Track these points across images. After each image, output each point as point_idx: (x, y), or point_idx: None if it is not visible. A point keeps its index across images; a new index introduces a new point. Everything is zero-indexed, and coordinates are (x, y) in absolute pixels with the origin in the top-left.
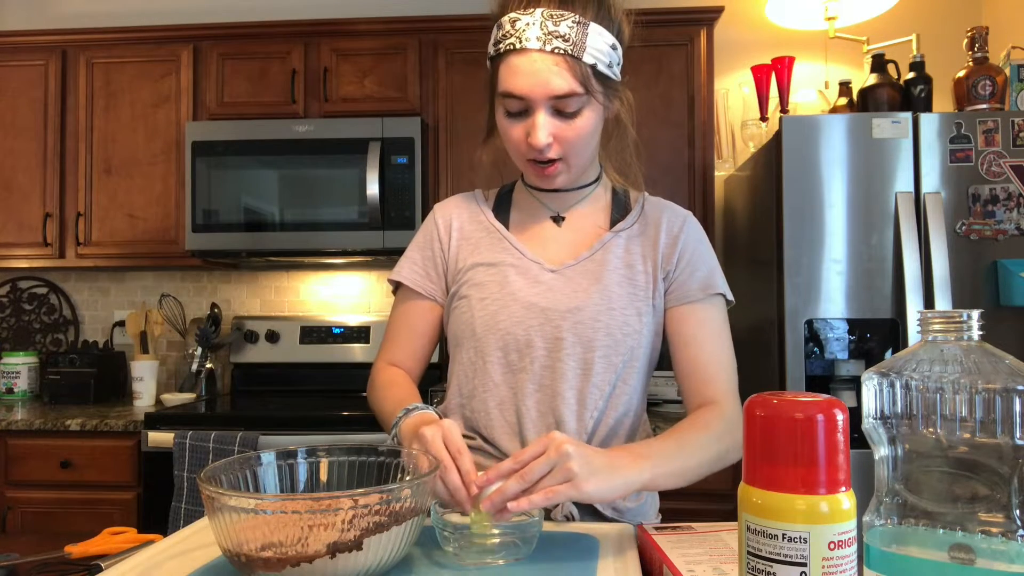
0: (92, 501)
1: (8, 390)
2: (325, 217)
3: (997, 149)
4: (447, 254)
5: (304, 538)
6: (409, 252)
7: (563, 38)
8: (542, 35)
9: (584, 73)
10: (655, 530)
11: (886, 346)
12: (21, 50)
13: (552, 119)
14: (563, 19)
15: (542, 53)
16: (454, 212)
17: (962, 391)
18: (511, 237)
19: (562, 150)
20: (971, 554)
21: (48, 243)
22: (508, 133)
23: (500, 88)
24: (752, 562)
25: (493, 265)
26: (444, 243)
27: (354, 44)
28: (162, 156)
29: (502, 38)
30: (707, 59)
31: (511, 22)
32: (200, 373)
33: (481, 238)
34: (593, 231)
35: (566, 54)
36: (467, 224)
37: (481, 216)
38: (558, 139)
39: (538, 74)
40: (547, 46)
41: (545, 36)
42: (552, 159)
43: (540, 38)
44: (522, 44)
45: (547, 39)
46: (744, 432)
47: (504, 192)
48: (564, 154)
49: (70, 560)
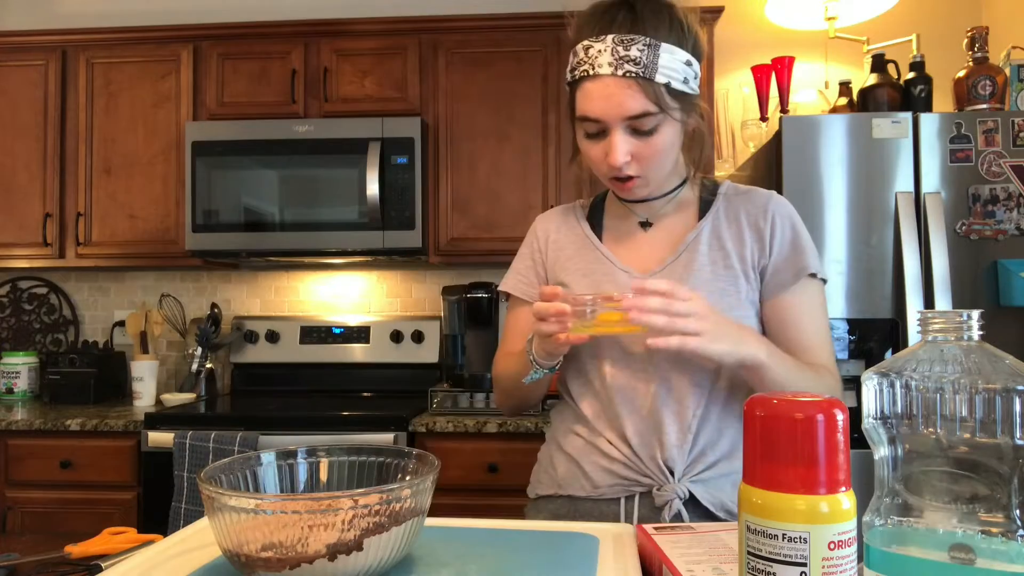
0: (92, 501)
1: (8, 390)
2: (325, 217)
3: (997, 149)
4: (546, 262)
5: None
6: (514, 263)
7: (634, 61)
8: (613, 60)
9: (657, 92)
10: (655, 530)
11: (886, 346)
12: (21, 50)
13: (629, 138)
14: (633, 43)
15: (614, 78)
16: (552, 224)
17: (962, 391)
18: (602, 247)
19: (640, 167)
20: (971, 554)
21: (48, 243)
22: (588, 153)
23: (577, 112)
24: (752, 562)
25: (587, 275)
26: (543, 252)
27: (354, 44)
28: (162, 156)
29: (577, 65)
30: (707, 59)
31: (584, 49)
32: (200, 373)
33: (576, 249)
34: (681, 232)
35: (638, 77)
36: (563, 236)
37: (577, 228)
38: (636, 156)
39: (611, 98)
40: (618, 71)
41: (616, 61)
42: (631, 175)
43: (612, 63)
44: (595, 71)
45: (618, 64)
46: (744, 432)
47: (598, 201)
48: (642, 170)
49: (70, 560)
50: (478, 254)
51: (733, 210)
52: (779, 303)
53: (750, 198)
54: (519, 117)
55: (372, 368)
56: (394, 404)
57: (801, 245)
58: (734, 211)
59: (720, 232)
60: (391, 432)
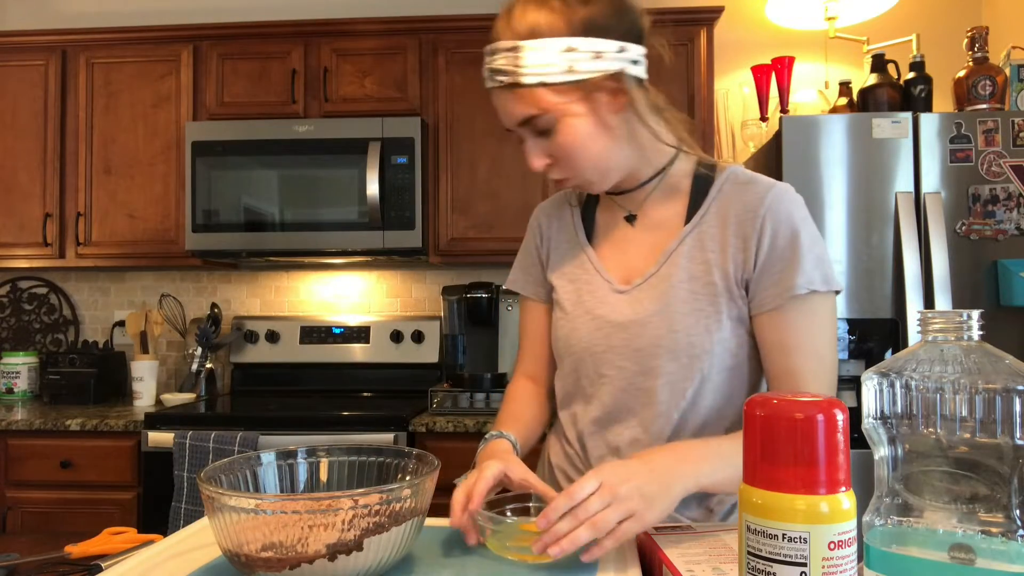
0: (92, 501)
1: (8, 390)
2: (325, 217)
3: (997, 149)
4: (543, 257)
5: (304, 538)
6: (518, 258)
7: (499, 72)
8: (488, 74)
9: (532, 95)
10: (655, 530)
11: (886, 346)
12: (21, 50)
13: (539, 140)
14: (496, 52)
15: (493, 90)
16: (545, 217)
17: (962, 391)
18: (588, 250)
19: (562, 168)
20: (971, 554)
21: (48, 243)
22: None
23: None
24: (752, 562)
25: (572, 281)
26: (540, 247)
27: (354, 44)
28: (162, 156)
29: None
30: (707, 59)
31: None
32: (200, 373)
33: (567, 248)
34: (668, 228)
35: (504, 87)
36: (556, 232)
37: (568, 222)
38: (553, 157)
39: (500, 108)
40: (491, 83)
41: (489, 75)
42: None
43: (487, 77)
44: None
45: (490, 76)
46: (744, 432)
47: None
48: (566, 171)
49: (70, 560)
50: (478, 254)
51: (725, 208)
52: (766, 322)
53: (747, 192)
54: None
55: (372, 368)
56: (394, 404)
57: (793, 257)
58: (725, 209)
59: (705, 239)
60: (391, 432)
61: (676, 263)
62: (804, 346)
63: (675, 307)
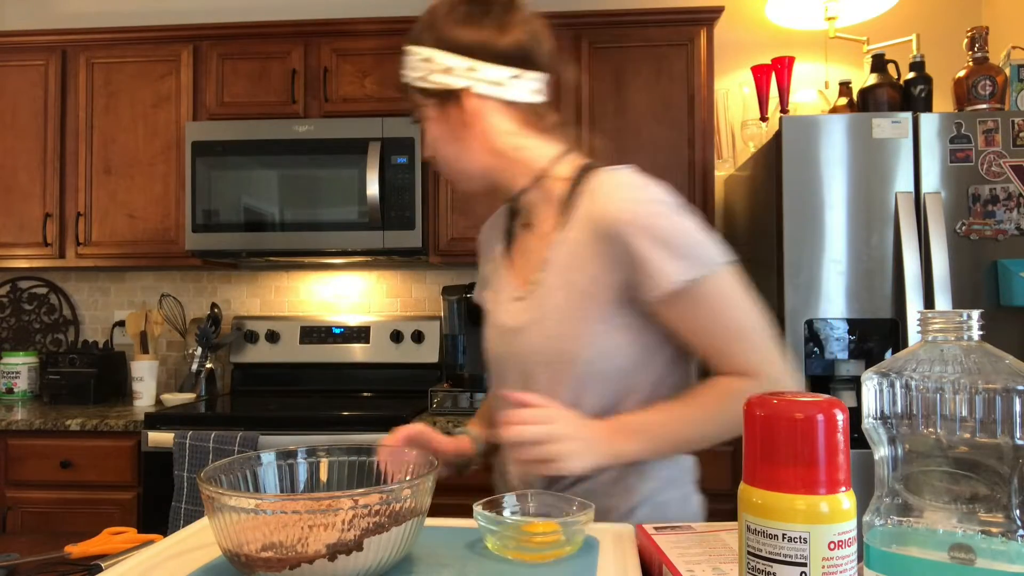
0: (92, 501)
1: (8, 390)
2: (325, 217)
3: (997, 149)
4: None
5: (304, 538)
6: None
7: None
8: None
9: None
10: (655, 530)
11: (886, 346)
12: (21, 50)
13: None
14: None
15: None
16: (486, 232)
17: (962, 391)
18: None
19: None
20: (971, 554)
21: (48, 243)
22: None
23: None
24: (752, 562)
25: (492, 291)
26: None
27: (354, 44)
28: (162, 156)
29: None
30: (707, 59)
31: None
32: (200, 373)
33: (493, 260)
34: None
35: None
36: (490, 245)
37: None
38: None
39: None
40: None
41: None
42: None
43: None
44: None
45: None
46: (744, 432)
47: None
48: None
49: (70, 560)
50: None
51: (587, 214)
52: (664, 314)
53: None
54: None
55: (372, 368)
56: (394, 404)
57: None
58: (587, 215)
59: (576, 246)
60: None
61: (553, 271)
62: (710, 328)
63: (549, 315)
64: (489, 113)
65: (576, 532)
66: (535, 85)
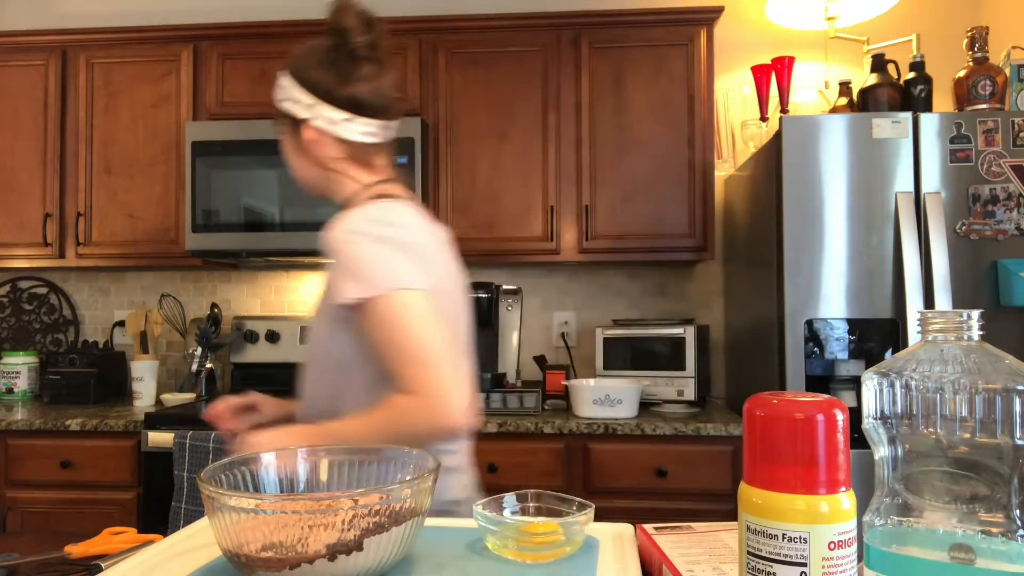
0: (92, 501)
1: (8, 390)
2: (325, 217)
3: (997, 149)
4: None
5: (304, 538)
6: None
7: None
8: None
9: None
10: (655, 530)
11: (886, 346)
12: (21, 50)
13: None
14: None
15: None
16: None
17: (962, 391)
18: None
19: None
20: (971, 554)
21: (48, 243)
22: None
23: None
24: (752, 562)
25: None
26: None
27: None
28: (162, 156)
29: None
30: (707, 59)
31: None
32: (200, 373)
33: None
34: None
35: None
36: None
37: None
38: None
39: None
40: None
41: None
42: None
43: None
44: None
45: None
46: (744, 432)
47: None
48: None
49: (70, 560)
50: (478, 254)
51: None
52: (363, 330)
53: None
54: (519, 117)
55: None
56: None
57: (338, 272)
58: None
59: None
60: None
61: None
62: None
63: (314, 324)
64: (322, 143)
65: (576, 532)
66: (367, 129)
